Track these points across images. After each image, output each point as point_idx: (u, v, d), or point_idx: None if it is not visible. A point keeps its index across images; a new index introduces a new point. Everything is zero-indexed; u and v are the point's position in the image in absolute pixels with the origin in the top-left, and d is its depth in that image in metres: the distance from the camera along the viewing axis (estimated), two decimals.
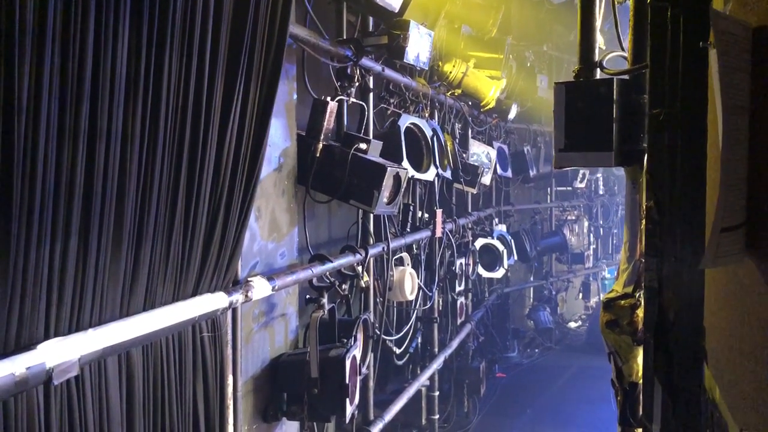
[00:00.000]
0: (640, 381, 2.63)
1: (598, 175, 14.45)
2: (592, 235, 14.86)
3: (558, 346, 12.07)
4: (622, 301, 2.64)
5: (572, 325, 13.77)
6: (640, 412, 2.59)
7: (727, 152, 1.16)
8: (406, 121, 5.37)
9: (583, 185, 13.22)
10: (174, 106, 2.38)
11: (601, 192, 14.84)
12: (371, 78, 4.82)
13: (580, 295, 14.37)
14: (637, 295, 2.59)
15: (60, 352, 1.96)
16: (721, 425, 1.64)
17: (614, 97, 2.71)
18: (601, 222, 15.13)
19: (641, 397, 2.56)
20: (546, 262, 12.62)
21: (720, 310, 1.64)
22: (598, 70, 2.98)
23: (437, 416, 7.10)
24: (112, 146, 2.10)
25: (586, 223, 14.65)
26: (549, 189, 12.78)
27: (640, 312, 2.55)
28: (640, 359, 2.64)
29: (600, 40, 3.08)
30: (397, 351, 5.79)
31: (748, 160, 1.21)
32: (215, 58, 2.57)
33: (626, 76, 2.78)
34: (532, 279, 12.50)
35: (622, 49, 2.99)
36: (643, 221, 2.33)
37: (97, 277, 2.14)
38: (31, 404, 1.90)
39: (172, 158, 2.43)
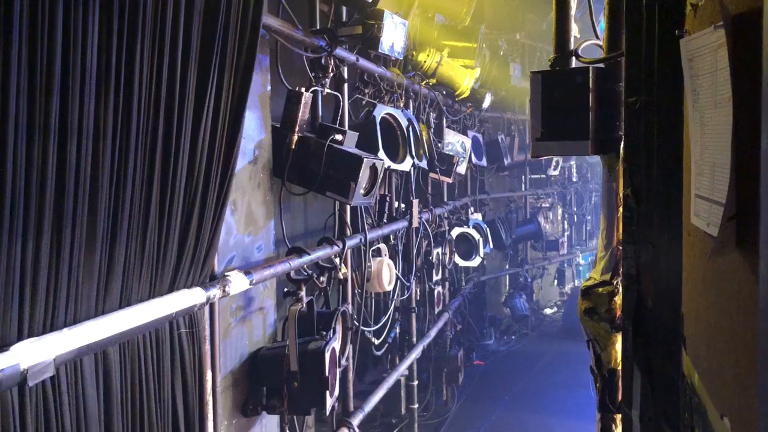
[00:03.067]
0: (619, 367, 2.66)
1: (572, 162, 14.58)
2: (566, 222, 15.02)
3: (534, 333, 12.19)
4: (600, 289, 2.66)
5: (548, 311, 13.92)
6: (619, 398, 2.62)
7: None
8: (381, 111, 5.34)
9: (556, 173, 13.33)
10: (147, 99, 2.33)
11: (574, 179, 14.98)
12: (346, 68, 4.79)
13: (555, 281, 14.53)
14: (615, 282, 2.61)
15: (34, 353, 1.92)
16: (700, 410, 1.66)
17: (590, 85, 2.72)
18: (575, 209, 15.27)
19: (620, 383, 2.59)
20: (521, 249, 12.72)
21: (699, 297, 1.65)
22: (574, 58, 2.98)
23: (416, 405, 7.13)
24: (84, 141, 2.05)
25: (560, 211, 14.80)
26: (523, 177, 12.86)
27: (618, 299, 2.57)
28: (618, 346, 2.67)
29: (574, 29, 3.09)
30: (376, 341, 5.79)
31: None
32: (188, 49, 2.52)
33: (602, 65, 2.79)
34: (507, 267, 12.59)
35: (597, 38, 2.99)
36: (620, 209, 2.35)
37: (71, 275, 2.09)
38: (5, 406, 1.85)
39: (146, 152, 2.38)
